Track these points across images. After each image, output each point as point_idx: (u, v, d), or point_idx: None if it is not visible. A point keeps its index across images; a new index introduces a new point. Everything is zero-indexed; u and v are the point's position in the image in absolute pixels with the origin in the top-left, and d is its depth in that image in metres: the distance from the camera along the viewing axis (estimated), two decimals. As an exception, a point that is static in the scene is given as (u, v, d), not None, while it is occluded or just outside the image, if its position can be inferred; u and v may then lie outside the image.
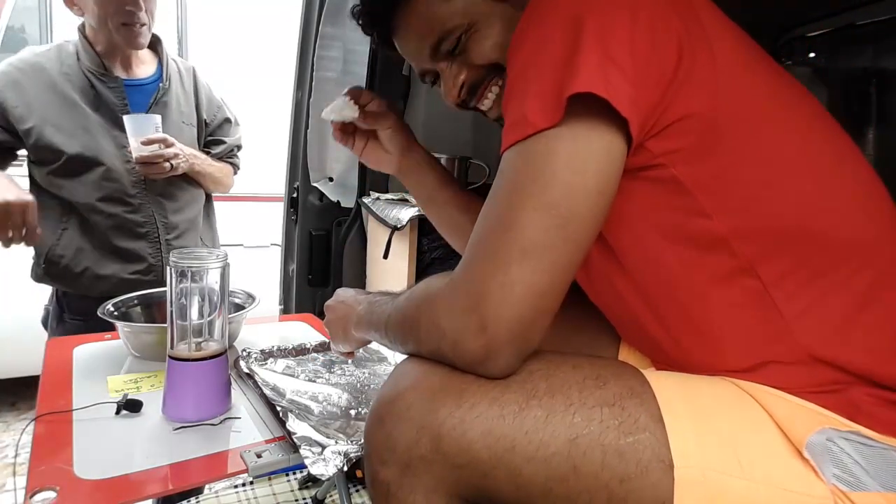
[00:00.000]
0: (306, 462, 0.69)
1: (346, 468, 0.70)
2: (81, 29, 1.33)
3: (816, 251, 0.54)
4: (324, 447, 0.72)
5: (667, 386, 0.55)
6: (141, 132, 1.25)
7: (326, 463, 0.69)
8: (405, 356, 0.62)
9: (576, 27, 0.52)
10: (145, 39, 1.32)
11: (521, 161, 0.53)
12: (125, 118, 1.25)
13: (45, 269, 1.33)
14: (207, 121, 1.49)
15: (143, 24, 1.29)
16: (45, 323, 1.44)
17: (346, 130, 0.89)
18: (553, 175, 0.51)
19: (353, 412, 0.86)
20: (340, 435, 0.77)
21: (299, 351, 1.07)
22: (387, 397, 0.56)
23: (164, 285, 1.24)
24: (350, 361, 1.03)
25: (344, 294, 0.84)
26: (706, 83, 0.53)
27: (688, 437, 0.51)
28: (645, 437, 0.51)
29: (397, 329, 0.63)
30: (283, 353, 1.05)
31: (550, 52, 0.53)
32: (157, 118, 1.29)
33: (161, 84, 1.38)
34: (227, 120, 1.53)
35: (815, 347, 0.54)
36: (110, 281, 1.32)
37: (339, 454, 0.71)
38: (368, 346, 0.94)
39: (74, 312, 1.37)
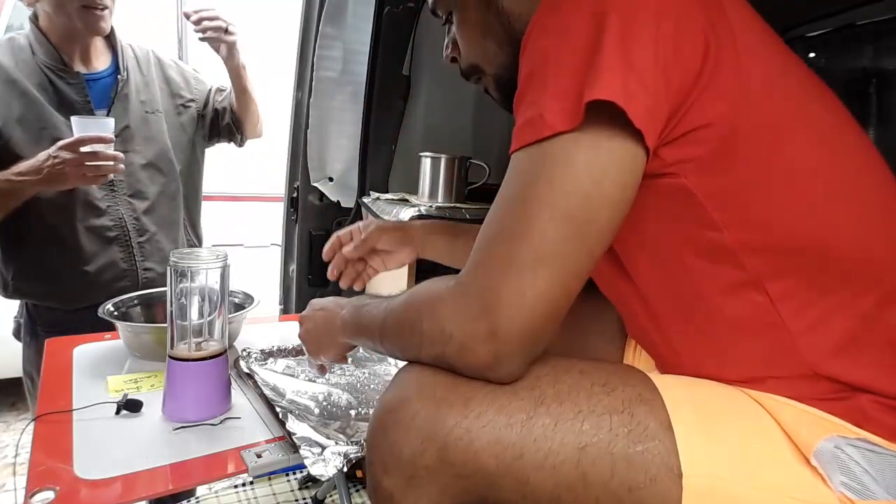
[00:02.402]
0: (306, 462, 0.69)
1: (346, 469, 0.70)
2: (34, 19, 1.24)
3: (826, 269, 0.53)
4: (324, 447, 0.72)
5: (676, 392, 0.54)
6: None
7: (326, 463, 0.69)
8: (404, 362, 0.61)
9: (599, 25, 0.49)
10: (107, 24, 1.24)
11: (536, 164, 0.51)
12: (73, 120, 1.11)
13: (14, 286, 1.26)
14: (195, 98, 1.44)
15: (104, 8, 1.21)
16: (17, 335, 1.38)
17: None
18: (571, 182, 0.49)
19: (353, 412, 0.86)
20: (340, 435, 0.77)
21: (299, 351, 1.07)
22: (390, 405, 0.55)
23: (140, 290, 1.24)
24: (325, 377, 0.97)
25: (321, 302, 0.82)
26: (728, 91, 0.51)
27: (697, 444, 0.50)
28: (654, 446, 0.50)
29: (394, 334, 0.61)
30: (284, 353, 1.05)
31: (571, 50, 0.50)
32: (111, 122, 1.15)
33: (119, 76, 1.31)
34: (219, 90, 1.49)
35: (819, 364, 0.53)
36: (81, 291, 1.25)
37: (339, 455, 0.71)
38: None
39: (48, 325, 1.30)
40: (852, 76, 1.38)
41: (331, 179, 1.68)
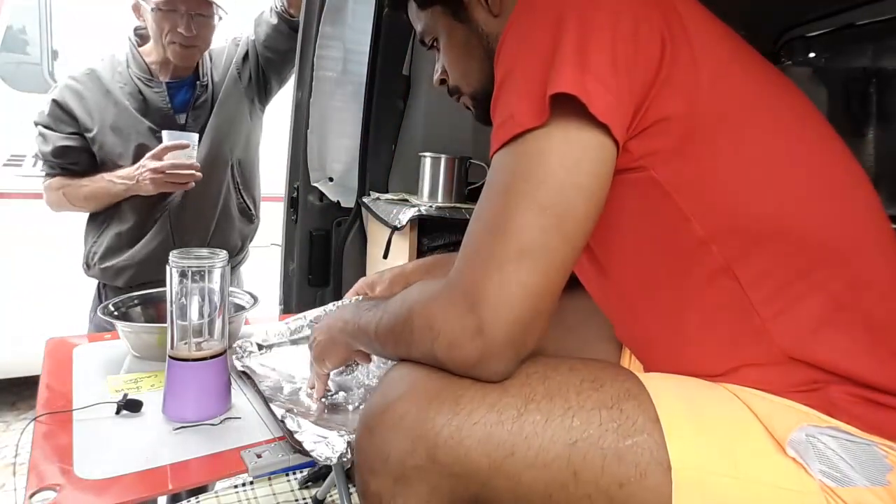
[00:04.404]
0: (308, 447, 0.69)
1: (349, 455, 0.70)
2: (133, 38, 1.42)
3: (794, 252, 0.54)
4: (326, 437, 0.72)
5: (661, 387, 0.55)
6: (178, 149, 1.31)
7: (331, 448, 0.69)
8: (393, 363, 0.61)
9: (558, 26, 0.52)
10: (196, 58, 1.41)
11: (512, 160, 0.53)
12: (164, 134, 1.30)
13: (86, 264, 1.45)
14: (248, 56, 1.52)
15: (193, 47, 1.37)
16: None
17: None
18: (546, 174, 0.51)
19: (350, 407, 0.86)
20: (343, 427, 0.77)
21: (294, 331, 1.06)
22: (378, 406, 0.55)
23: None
24: (323, 399, 0.88)
25: (325, 319, 0.82)
26: (686, 84, 0.53)
27: (684, 438, 0.51)
28: (643, 440, 0.51)
29: (387, 332, 0.62)
30: (280, 343, 1.04)
31: (535, 51, 0.53)
32: (195, 137, 1.33)
33: (199, 81, 1.44)
34: (247, 53, 1.54)
35: (792, 348, 0.54)
36: (130, 269, 1.41)
37: (344, 441, 0.70)
38: None
39: None
40: (852, 76, 1.38)
41: (331, 179, 1.68)
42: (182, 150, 1.30)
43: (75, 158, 1.37)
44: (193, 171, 1.32)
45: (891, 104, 1.29)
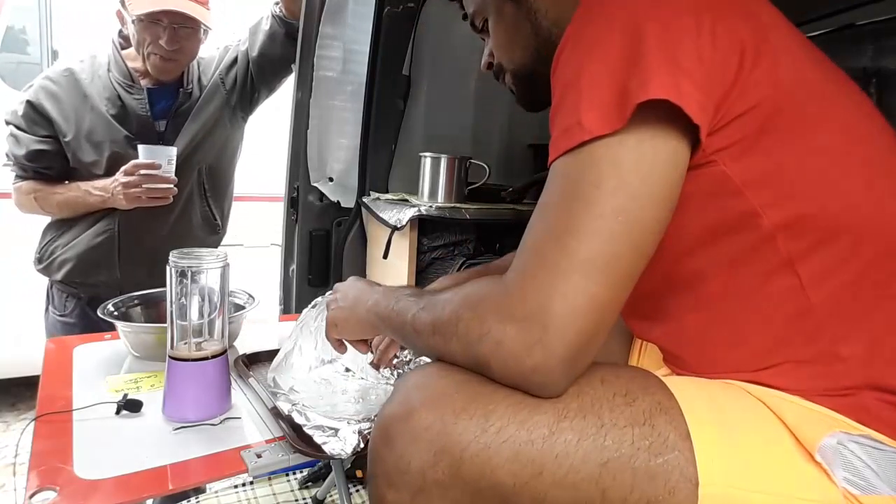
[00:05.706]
0: (319, 440, 0.68)
1: (362, 445, 0.70)
2: (116, 41, 1.38)
3: (858, 252, 0.53)
4: (337, 429, 0.71)
5: (692, 399, 0.53)
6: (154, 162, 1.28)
7: (343, 442, 0.69)
8: (412, 367, 0.60)
9: (636, 34, 0.50)
10: (174, 74, 1.37)
11: (579, 167, 0.51)
12: (140, 148, 1.27)
13: (38, 258, 1.42)
14: (237, 62, 1.49)
15: (174, 61, 1.33)
16: None
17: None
18: (618, 182, 0.49)
19: (354, 395, 0.86)
20: (351, 417, 0.76)
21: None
22: (399, 414, 0.53)
23: (120, 279, 1.37)
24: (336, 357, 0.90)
25: (359, 279, 0.79)
26: (767, 78, 0.52)
27: (713, 453, 0.50)
28: (674, 457, 0.49)
29: (427, 320, 0.58)
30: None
31: (607, 59, 0.51)
32: (173, 151, 1.29)
33: (182, 89, 1.40)
34: (235, 59, 1.51)
35: (841, 349, 0.53)
36: (70, 262, 1.37)
37: (355, 433, 0.70)
38: None
39: (55, 307, 1.44)
40: (852, 76, 1.37)
41: (331, 179, 1.68)
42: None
43: (49, 163, 1.32)
44: (169, 186, 1.28)
45: (891, 104, 1.29)
